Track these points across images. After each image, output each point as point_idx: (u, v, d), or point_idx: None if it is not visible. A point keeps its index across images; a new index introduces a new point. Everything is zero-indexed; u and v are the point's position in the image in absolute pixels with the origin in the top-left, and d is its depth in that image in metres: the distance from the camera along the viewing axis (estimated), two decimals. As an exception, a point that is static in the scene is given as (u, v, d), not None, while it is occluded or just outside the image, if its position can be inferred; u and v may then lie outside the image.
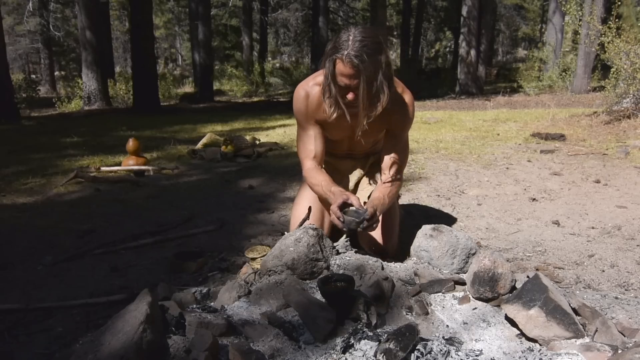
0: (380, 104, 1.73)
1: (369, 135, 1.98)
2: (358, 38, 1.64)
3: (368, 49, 1.63)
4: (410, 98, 1.93)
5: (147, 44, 11.34)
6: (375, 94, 1.71)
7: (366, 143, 2.05)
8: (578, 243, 2.46)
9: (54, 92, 19.32)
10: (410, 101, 1.92)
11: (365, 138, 1.98)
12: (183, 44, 32.31)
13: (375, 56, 1.65)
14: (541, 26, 26.35)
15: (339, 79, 1.70)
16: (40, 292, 2.00)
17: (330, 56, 1.69)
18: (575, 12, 7.32)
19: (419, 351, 1.27)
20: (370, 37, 1.66)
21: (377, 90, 1.70)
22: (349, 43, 1.64)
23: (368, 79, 1.66)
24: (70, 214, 3.14)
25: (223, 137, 5.54)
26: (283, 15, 23.49)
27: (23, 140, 6.66)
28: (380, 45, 1.68)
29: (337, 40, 1.68)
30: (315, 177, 1.96)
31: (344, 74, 1.67)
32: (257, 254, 2.04)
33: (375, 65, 1.66)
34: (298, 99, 1.94)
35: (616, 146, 5.05)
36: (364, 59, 1.62)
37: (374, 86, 1.69)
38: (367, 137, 1.99)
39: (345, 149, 2.15)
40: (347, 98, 1.72)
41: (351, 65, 1.64)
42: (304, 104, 1.93)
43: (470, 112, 9.15)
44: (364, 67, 1.63)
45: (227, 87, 19.32)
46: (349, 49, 1.63)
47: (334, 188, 1.85)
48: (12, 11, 22.82)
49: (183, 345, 1.23)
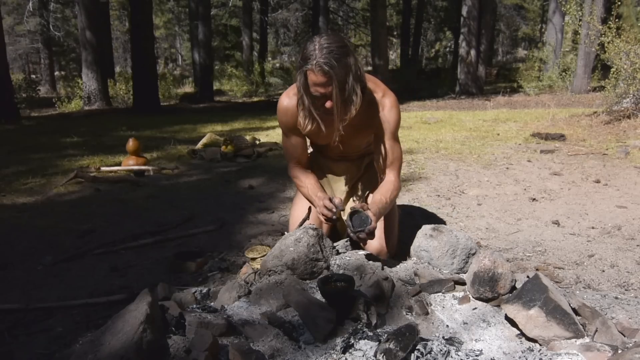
0: (353, 106, 1.74)
1: (355, 139, 1.98)
2: (324, 45, 1.65)
3: (335, 54, 1.64)
4: (392, 100, 1.92)
5: (147, 44, 11.34)
6: (348, 97, 1.72)
7: (356, 146, 2.06)
8: (578, 243, 2.46)
9: (54, 92, 19.32)
10: (392, 103, 1.91)
11: (352, 142, 1.99)
12: (183, 44, 32.32)
13: (344, 60, 1.66)
14: (541, 26, 26.36)
15: (313, 89, 1.70)
16: (40, 292, 2.00)
17: (300, 69, 1.70)
18: (575, 12, 7.32)
19: (419, 351, 1.27)
20: (336, 43, 1.67)
21: (349, 93, 1.71)
22: (315, 52, 1.64)
23: (340, 84, 1.67)
24: (70, 214, 3.14)
25: (223, 137, 5.55)
26: (283, 15, 23.49)
27: (23, 140, 6.66)
28: (347, 49, 1.69)
29: (305, 52, 1.68)
30: (300, 178, 2.04)
31: (316, 83, 1.67)
32: (257, 254, 2.04)
33: (345, 69, 1.67)
34: (279, 109, 1.96)
35: (616, 146, 5.05)
36: (333, 64, 1.63)
37: (346, 90, 1.70)
38: (353, 141, 1.99)
39: (338, 152, 2.16)
40: (326, 106, 1.72)
41: (322, 73, 1.64)
42: (285, 114, 1.95)
43: (470, 112, 9.15)
44: (334, 73, 1.64)
45: (227, 87, 19.32)
46: (317, 57, 1.63)
47: (320, 194, 1.92)
48: (12, 11, 22.83)
49: (183, 345, 1.23)
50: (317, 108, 1.76)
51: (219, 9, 23.23)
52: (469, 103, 11.48)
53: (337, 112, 1.73)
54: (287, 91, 1.95)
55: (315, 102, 1.75)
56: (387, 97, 1.91)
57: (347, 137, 1.92)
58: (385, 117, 1.90)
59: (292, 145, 2.04)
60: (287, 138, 2.04)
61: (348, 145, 2.01)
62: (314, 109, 1.77)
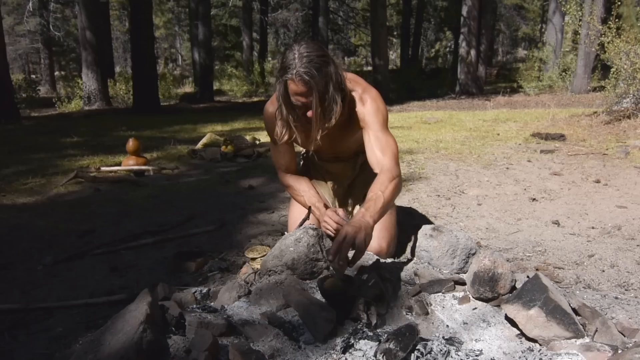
0: (333, 115, 1.72)
1: (342, 140, 1.97)
2: (304, 54, 1.62)
3: (315, 63, 1.61)
4: (373, 94, 1.89)
5: (147, 44, 11.34)
6: (328, 106, 1.69)
7: (346, 146, 2.05)
8: (578, 243, 2.46)
9: (54, 92, 19.33)
10: (373, 97, 1.88)
11: (341, 143, 1.98)
12: (183, 44, 32.33)
13: (323, 69, 1.64)
14: (541, 26, 26.36)
15: (294, 99, 1.68)
16: (40, 292, 2.00)
17: (279, 78, 1.67)
18: (575, 12, 7.32)
19: (419, 351, 1.27)
20: (315, 51, 1.64)
21: (329, 102, 1.69)
22: (295, 62, 1.61)
23: (320, 93, 1.65)
24: (70, 214, 3.14)
25: (223, 137, 5.55)
26: (283, 15, 23.49)
27: (23, 140, 6.66)
28: (327, 58, 1.67)
29: (284, 61, 1.65)
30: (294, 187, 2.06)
31: (297, 92, 1.65)
32: (257, 254, 2.04)
33: (325, 78, 1.65)
34: (265, 116, 1.96)
35: (616, 146, 5.05)
36: (313, 74, 1.60)
37: (326, 99, 1.68)
38: (341, 142, 1.98)
39: (329, 153, 2.15)
40: (307, 115, 1.70)
41: (302, 82, 1.62)
42: (271, 122, 1.92)
43: (470, 112, 9.16)
44: (315, 83, 1.62)
45: (227, 87, 19.33)
46: (297, 67, 1.61)
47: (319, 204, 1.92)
48: (12, 11, 22.83)
49: (183, 345, 1.23)
50: (296, 118, 1.75)
51: (219, 9, 23.24)
52: (469, 103, 11.49)
53: (315, 121, 1.70)
54: (272, 99, 1.92)
55: (296, 112, 1.73)
56: (367, 93, 1.88)
57: (333, 138, 1.90)
58: (367, 111, 1.86)
59: (280, 152, 2.03)
60: (275, 145, 2.02)
61: (337, 145, 2.00)
62: (292, 119, 1.75)
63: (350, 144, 2.04)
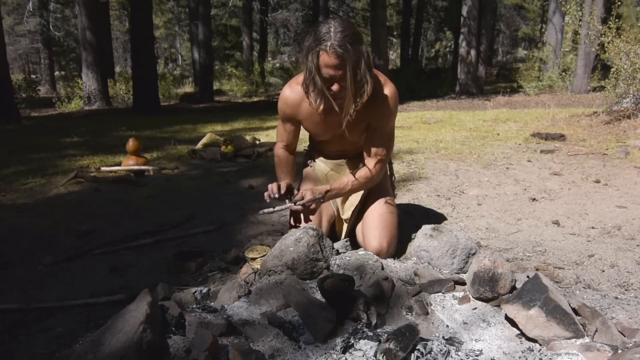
0: (365, 92, 1.77)
1: (355, 130, 2.00)
2: (339, 29, 1.66)
3: (350, 39, 1.66)
4: (393, 91, 1.94)
5: (147, 44, 11.34)
6: (360, 82, 1.74)
7: (355, 141, 2.07)
8: (578, 243, 2.46)
9: (54, 92, 19.32)
10: (393, 93, 1.93)
11: (352, 134, 2.01)
12: (183, 44, 32.32)
13: (357, 46, 1.68)
14: (541, 26, 26.37)
15: (324, 71, 1.71)
16: (40, 292, 2.00)
17: (313, 49, 1.70)
18: (575, 12, 7.32)
19: (419, 351, 1.27)
20: (350, 28, 1.69)
21: (361, 79, 1.74)
22: (330, 34, 1.66)
23: (352, 68, 1.69)
24: (70, 214, 3.13)
25: (223, 137, 5.54)
26: (283, 15, 23.49)
27: (23, 140, 6.66)
28: (360, 36, 1.72)
29: (318, 33, 1.69)
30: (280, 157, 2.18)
31: (329, 64, 1.69)
32: (257, 254, 2.04)
33: (358, 54, 1.69)
34: (281, 98, 2.03)
35: (616, 146, 5.05)
36: (347, 48, 1.65)
37: (358, 75, 1.72)
38: (353, 132, 2.01)
39: (337, 149, 2.17)
40: (332, 90, 1.74)
41: (336, 55, 1.66)
42: (285, 104, 2.01)
43: (470, 112, 9.15)
44: (348, 57, 1.66)
45: (227, 87, 19.32)
46: (332, 39, 1.65)
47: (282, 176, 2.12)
48: (12, 11, 22.83)
49: (183, 345, 1.23)
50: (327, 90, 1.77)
51: (219, 9, 23.23)
52: (469, 103, 11.48)
53: (350, 95, 1.74)
54: (290, 82, 2.00)
55: (325, 84, 1.75)
56: (388, 86, 1.93)
57: (348, 126, 1.93)
58: (384, 105, 1.91)
59: (285, 130, 2.13)
60: (283, 124, 2.13)
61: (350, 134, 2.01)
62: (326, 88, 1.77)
63: (357, 136, 2.06)
